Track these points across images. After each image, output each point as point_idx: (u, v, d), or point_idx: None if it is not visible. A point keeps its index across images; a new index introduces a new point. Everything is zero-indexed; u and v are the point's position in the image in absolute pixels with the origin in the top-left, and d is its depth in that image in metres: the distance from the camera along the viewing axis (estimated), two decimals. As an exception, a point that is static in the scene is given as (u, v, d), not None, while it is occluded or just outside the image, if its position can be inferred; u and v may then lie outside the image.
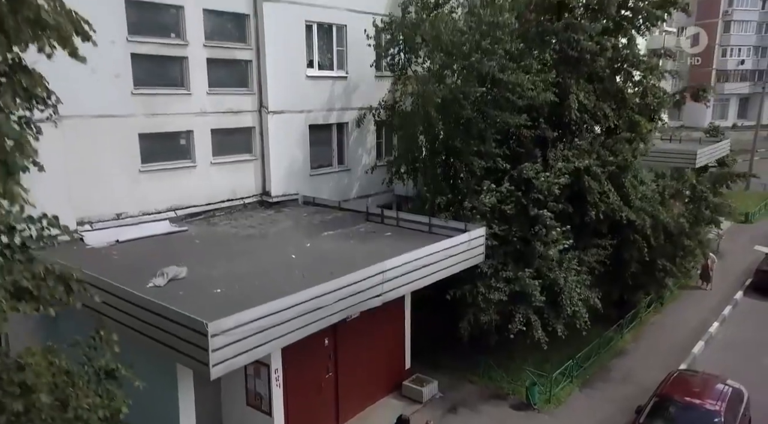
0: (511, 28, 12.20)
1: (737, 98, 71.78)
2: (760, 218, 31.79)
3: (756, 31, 69.65)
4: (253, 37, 13.79)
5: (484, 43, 11.77)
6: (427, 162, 13.83)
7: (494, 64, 11.72)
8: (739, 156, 50.58)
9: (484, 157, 12.51)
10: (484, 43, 11.77)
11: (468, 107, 12.20)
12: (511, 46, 11.97)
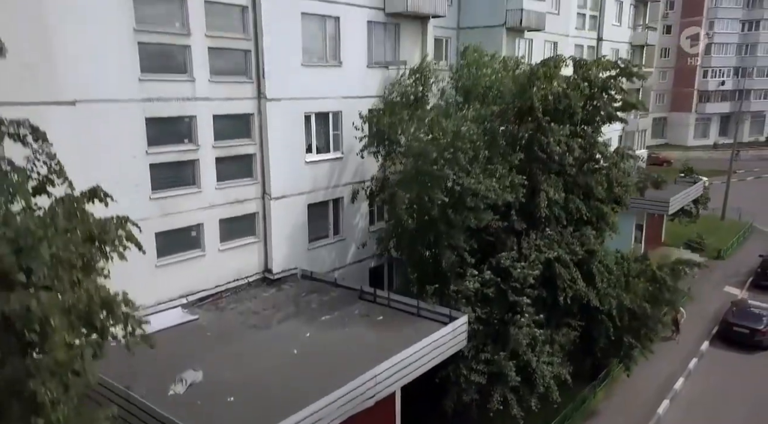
0: (474, 138, 13.53)
1: (719, 117, 73.91)
2: (732, 254, 33.37)
3: (736, 53, 71.79)
4: (257, 133, 15.11)
5: (446, 154, 13.16)
6: (411, 245, 15.17)
7: (453, 172, 13.05)
8: (718, 178, 52.91)
9: (456, 250, 13.93)
10: (446, 153, 13.16)
11: (435, 209, 13.58)
12: (474, 153, 13.33)
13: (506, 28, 23.41)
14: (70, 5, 11.14)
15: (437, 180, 13.17)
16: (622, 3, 33.88)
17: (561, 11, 27.60)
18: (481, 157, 13.50)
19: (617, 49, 34.44)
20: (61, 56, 10.92)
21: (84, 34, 11.44)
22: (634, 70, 15.78)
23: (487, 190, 12.83)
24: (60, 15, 10.95)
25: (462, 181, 12.98)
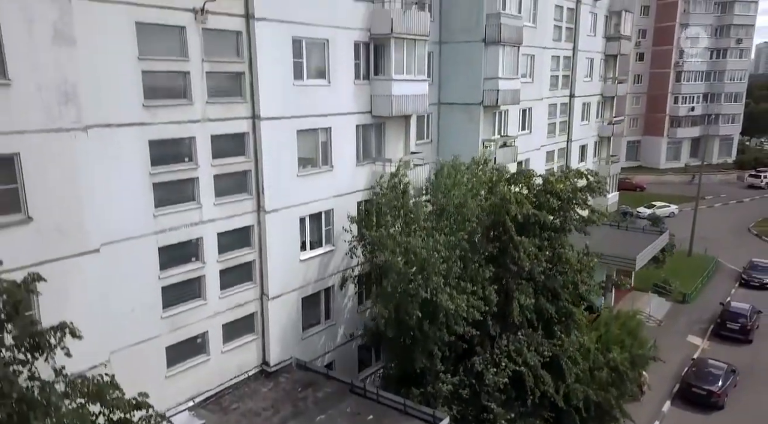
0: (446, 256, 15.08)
1: (689, 140, 76.71)
2: (696, 296, 35.46)
3: (704, 80, 74.71)
4: (257, 242, 16.48)
5: (419, 277, 14.73)
6: (391, 348, 16.70)
7: (426, 292, 14.59)
8: (688, 204, 55.31)
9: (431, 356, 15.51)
10: (419, 276, 14.74)
11: (412, 320, 15.11)
12: (447, 272, 14.89)
13: (483, 106, 25.04)
14: (100, 179, 12.45)
15: (413, 297, 14.72)
16: (592, 60, 35.81)
17: (534, 79, 29.31)
18: (454, 275, 15.06)
19: (588, 103, 36.42)
20: (89, 215, 12.16)
21: (109, 187, 12.76)
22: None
23: (458, 308, 14.42)
24: (90, 186, 12.21)
25: (435, 298, 14.55)
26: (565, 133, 34.78)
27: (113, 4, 12.39)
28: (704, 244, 44.31)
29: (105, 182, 12.70)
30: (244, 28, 15.14)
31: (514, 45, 25.29)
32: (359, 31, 18.34)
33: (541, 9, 28.70)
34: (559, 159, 34.49)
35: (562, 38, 32.52)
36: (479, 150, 25.04)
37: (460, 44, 24.80)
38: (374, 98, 19.23)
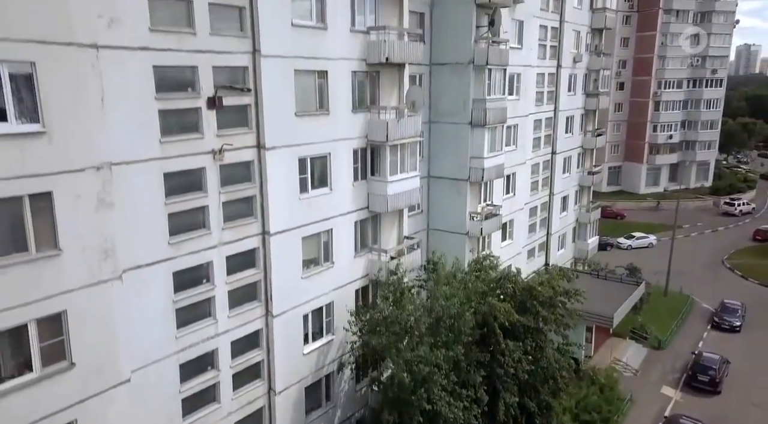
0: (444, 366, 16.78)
1: (668, 166, 79.42)
2: (671, 341, 37.52)
3: (682, 108, 77.51)
4: (265, 344, 18.04)
5: (421, 390, 16.46)
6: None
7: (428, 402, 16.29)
8: (666, 233, 57.63)
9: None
10: (421, 389, 16.47)
11: None
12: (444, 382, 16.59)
13: (470, 182, 26.78)
14: (130, 313, 13.94)
15: (415, 407, 16.42)
16: (572, 117, 37.83)
17: (518, 146, 31.14)
18: (451, 382, 16.78)
19: (569, 156, 38.41)
20: (121, 350, 13.66)
21: (137, 318, 14.27)
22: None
23: (456, 417, 16.12)
24: (121, 322, 13.73)
25: (436, 407, 16.25)
26: (548, 187, 36.72)
27: (145, 162, 13.92)
28: (680, 279, 46.62)
29: (134, 314, 14.20)
30: (256, 157, 16.72)
31: (499, 123, 27.10)
32: (358, 140, 20.01)
33: (524, 81, 30.55)
34: (542, 212, 36.39)
35: (544, 101, 34.45)
36: (466, 222, 26.88)
37: (448, 125, 26.57)
38: (371, 196, 20.89)
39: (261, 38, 16.04)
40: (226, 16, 15.32)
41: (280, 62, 16.71)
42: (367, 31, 19.62)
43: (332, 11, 18.04)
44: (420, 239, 25.15)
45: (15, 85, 11.16)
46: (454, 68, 25.89)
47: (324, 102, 18.56)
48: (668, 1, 72.31)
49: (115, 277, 13.22)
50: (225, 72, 15.56)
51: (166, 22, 14.02)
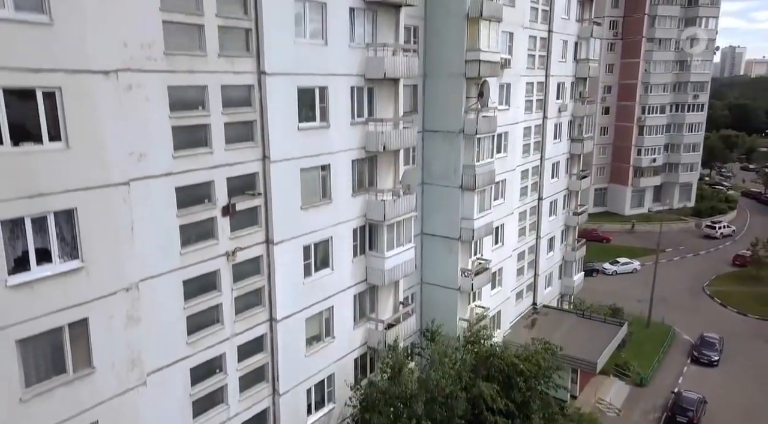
0: None
1: (652, 187, 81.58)
2: (653, 377, 39.23)
3: (665, 132, 79.71)
4: (272, 421, 19.43)
5: None
6: None
7: None
8: (650, 257, 59.47)
9: None
10: None
11: None
12: None
13: (461, 241, 28.33)
14: None
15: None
16: (558, 163, 39.54)
17: (506, 198, 32.72)
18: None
19: (555, 199, 40.09)
20: None
21: (156, 412, 15.62)
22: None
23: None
24: None
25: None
26: (535, 231, 38.37)
27: (167, 274, 15.30)
28: (663, 307, 48.63)
29: (156, 411, 15.54)
30: (265, 252, 18.13)
31: (488, 185, 28.66)
32: (357, 220, 21.49)
33: (512, 137, 32.15)
34: (530, 255, 38.01)
35: (531, 152, 36.12)
36: (458, 279, 28.39)
37: (440, 188, 28.11)
38: (369, 270, 22.36)
39: (271, 145, 17.47)
40: (239, 132, 16.73)
41: (287, 164, 18.15)
42: (366, 122, 21.10)
43: (334, 114, 19.53)
44: (414, 305, 26.62)
45: (59, 229, 12.49)
46: (446, 136, 27.43)
47: (327, 191, 20.03)
48: (651, 30, 74.47)
49: (141, 383, 14.56)
50: (238, 180, 16.95)
51: (186, 146, 15.40)
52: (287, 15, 17.32)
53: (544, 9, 34.71)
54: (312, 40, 18.47)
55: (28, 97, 11.62)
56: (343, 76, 19.86)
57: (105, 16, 12.46)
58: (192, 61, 15.13)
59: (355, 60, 20.15)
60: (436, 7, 26.19)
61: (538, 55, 35.01)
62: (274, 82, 17.23)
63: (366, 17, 20.51)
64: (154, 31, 14.15)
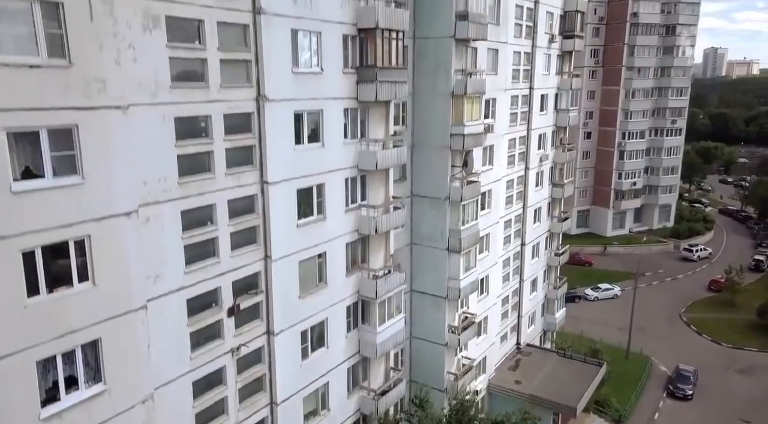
0: None
1: (633, 209, 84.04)
2: (631, 413, 41.19)
3: (645, 156, 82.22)
4: None
5: None
6: None
7: None
8: (630, 282, 61.57)
9: None
10: None
11: None
12: None
13: (448, 300, 29.93)
14: None
15: None
16: (540, 208, 41.34)
17: (491, 250, 34.40)
18: None
19: (537, 243, 41.88)
20: None
21: None
22: None
23: None
24: None
25: None
26: (518, 275, 40.11)
27: (178, 379, 16.65)
28: (641, 336, 50.94)
29: None
30: (266, 342, 19.53)
31: (473, 246, 30.30)
32: (351, 297, 22.97)
33: (495, 193, 33.78)
34: (513, 298, 39.73)
35: (513, 202, 37.82)
36: (446, 334, 29.99)
37: (428, 248, 29.69)
38: (362, 343, 23.87)
39: (273, 244, 18.90)
40: (244, 237, 18.16)
41: (287, 259, 19.60)
42: (359, 207, 22.62)
43: (330, 205, 21.01)
44: (404, 369, 28.17)
45: (85, 358, 13.83)
46: (433, 202, 29.02)
47: (323, 277, 21.51)
48: (630, 59, 76.85)
49: (157, 481, 15.92)
50: (243, 282, 18.37)
51: (196, 259, 16.79)
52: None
53: (526, 69, 36.47)
54: (310, 145, 20.04)
55: (60, 249, 12.95)
56: (339, 171, 21.37)
57: (129, 165, 13.86)
58: (202, 184, 16.54)
59: (349, 155, 21.66)
60: (423, 85, 27.77)
61: (520, 112, 36.74)
62: (276, 191, 18.69)
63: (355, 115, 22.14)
64: (169, 165, 15.56)
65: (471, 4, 26.73)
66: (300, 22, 18.77)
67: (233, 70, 17.11)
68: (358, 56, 21.59)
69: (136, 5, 14.29)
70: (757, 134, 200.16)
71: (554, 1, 38.35)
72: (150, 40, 14.72)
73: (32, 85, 11.92)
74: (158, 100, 15.14)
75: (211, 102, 16.54)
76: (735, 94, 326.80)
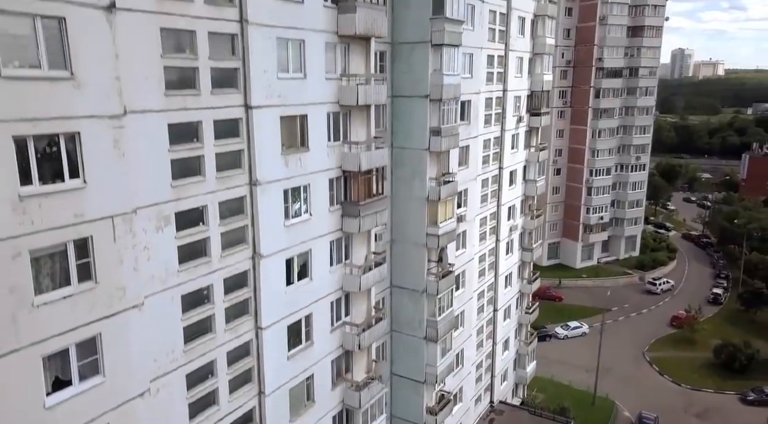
0: None
1: (600, 242, 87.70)
2: (597, 463, 44.16)
3: (611, 191, 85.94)
4: None
5: None
6: None
7: None
8: (597, 318, 64.82)
9: None
10: None
11: None
12: None
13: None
14: None
15: None
16: (510, 274, 43.98)
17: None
18: None
19: (509, 305, 44.49)
20: None
21: None
22: None
23: None
24: None
25: None
26: (491, 339, 42.62)
27: None
28: (607, 378, 54.09)
29: None
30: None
31: (449, 332, 32.61)
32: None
33: (468, 274, 36.15)
34: (487, 360, 42.24)
35: (486, 274, 40.33)
36: (423, 416, 32.25)
37: (408, 336, 31.89)
38: (346, 399, 25.87)
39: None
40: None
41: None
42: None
43: (318, 330, 23.07)
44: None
45: None
46: (411, 294, 31.26)
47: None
48: (597, 101, 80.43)
49: None
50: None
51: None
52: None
53: (495, 152, 39.02)
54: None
55: (87, 443, 14.78)
56: (328, 297, 23.52)
57: (144, 350, 15.76)
58: (204, 346, 18.48)
59: (334, 280, 23.79)
60: (400, 190, 29.99)
61: (491, 191, 39.24)
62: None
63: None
64: (177, 336, 17.50)
65: (444, 120, 29.06)
66: (290, 182, 20.87)
67: (233, 235, 19.10)
68: (343, 194, 23.73)
69: (150, 212, 16.17)
70: (720, 146, 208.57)
71: (521, 84, 41.02)
72: (162, 237, 16.62)
73: (65, 310, 13.73)
74: (167, 285, 17.04)
75: (213, 271, 18.49)
76: (700, 96, 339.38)
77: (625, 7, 79.22)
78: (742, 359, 57.07)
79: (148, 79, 15.49)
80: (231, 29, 17.77)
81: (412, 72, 28.39)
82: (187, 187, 17.17)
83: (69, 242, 13.73)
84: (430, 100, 28.37)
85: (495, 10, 35.85)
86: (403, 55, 28.39)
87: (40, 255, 13.26)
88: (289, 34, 19.71)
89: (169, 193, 16.69)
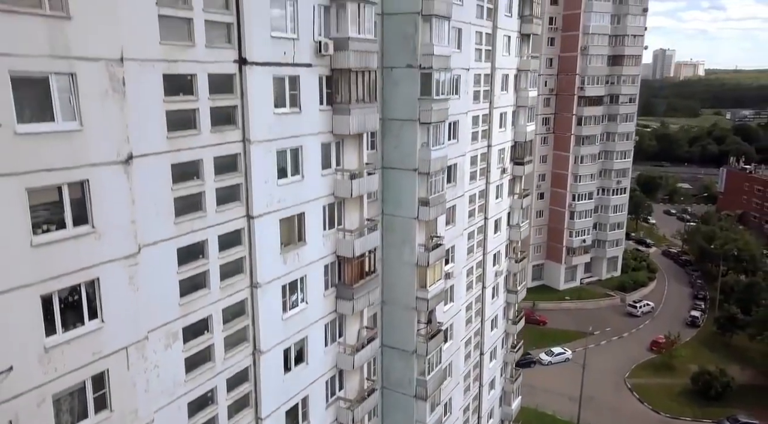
0: None
1: (583, 263, 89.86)
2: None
3: (593, 214, 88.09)
4: None
5: None
6: None
7: None
8: (580, 342, 66.72)
9: None
10: None
11: None
12: None
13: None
14: None
15: None
16: (496, 317, 45.45)
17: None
18: None
19: (493, 348, 45.96)
20: None
21: None
22: None
23: None
24: None
25: None
26: (478, 381, 44.05)
27: None
28: (590, 407, 55.75)
29: None
30: None
31: (438, 388, 33.92)
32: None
33: (456, 327, 37.53)
34: (474, 414, 43.64)
35: (473, 321, 41.73)
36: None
37: (398, 394, 33.19)
38: None
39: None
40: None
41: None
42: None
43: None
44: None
45: None
46: (401, 354, 32.51)
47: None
48: (579, 129, 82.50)
49: None
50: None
51: None
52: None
53: (480, 204, 40.42)
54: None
55: None
56: (323, 377, 24.67)
57: None
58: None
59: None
60: (391, 255, 31.19)
61: (476, 243, 40.64)
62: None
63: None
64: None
65: (432, 190, 30.38)
66: (289, 277, 21.99)
67: (236, 336, 20.17)
68: (337, 276, 24.91)
69: (160, 332, 17.21)
70: (700, 155, 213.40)
71: (505, 137, 42.49)
72: (170, 353, 17.66)
73: (84, 447, 14.77)
74: (175, 396, 18.08)
75: (216, 375, 19.56)
76: (681, 98, 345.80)
77: (606, 38, 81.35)
78: (718, 387, 59.20)
79: (159, 214, 16.54)
80: (234, 150, 18.85)
81: (401, 147, 29.66)
82: (193, 303, 18.22)
83: (87, 379, 14.74)
84: (418, 173, 29.67)
85: (480, 73, 37.25)
86: (393, 131, 29.64)
87: (60, 396, 14.26)
88: (288, 144, 20.84)
89: (177, 311, 17.73)
